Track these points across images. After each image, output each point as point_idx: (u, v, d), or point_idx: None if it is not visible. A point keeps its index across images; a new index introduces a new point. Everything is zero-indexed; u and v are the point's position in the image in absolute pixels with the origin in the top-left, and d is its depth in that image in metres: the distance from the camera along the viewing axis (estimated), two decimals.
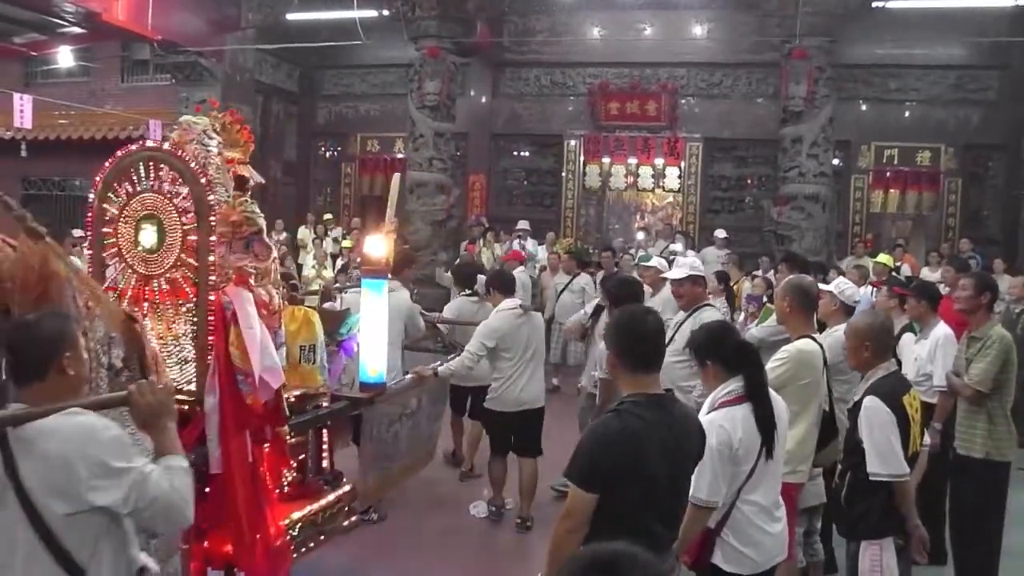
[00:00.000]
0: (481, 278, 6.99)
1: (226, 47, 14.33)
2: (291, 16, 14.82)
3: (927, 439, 3.89)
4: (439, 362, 5.65)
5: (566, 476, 2.74)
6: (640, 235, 16.09)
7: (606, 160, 15.80)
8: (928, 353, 5.28)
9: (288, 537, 3.87)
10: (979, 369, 4.69)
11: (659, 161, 15.55)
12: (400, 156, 16.15)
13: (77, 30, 12.47)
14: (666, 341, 3.38)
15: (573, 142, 15.93)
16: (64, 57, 16.70)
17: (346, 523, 4.45)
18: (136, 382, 2.39)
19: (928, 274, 10.89)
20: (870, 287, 8.94)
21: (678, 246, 13.00)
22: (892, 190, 14.84)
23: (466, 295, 7.01)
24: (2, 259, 3.14)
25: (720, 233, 13.57)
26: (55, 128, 16.01)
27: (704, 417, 3.22)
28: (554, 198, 16.29)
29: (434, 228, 14.21)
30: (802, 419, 4.02)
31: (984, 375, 4.66)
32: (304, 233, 14.42)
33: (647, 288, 6.25)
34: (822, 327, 4.81)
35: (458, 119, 15.00)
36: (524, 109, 16.33)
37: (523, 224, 13.92)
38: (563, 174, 16.13)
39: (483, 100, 16.33)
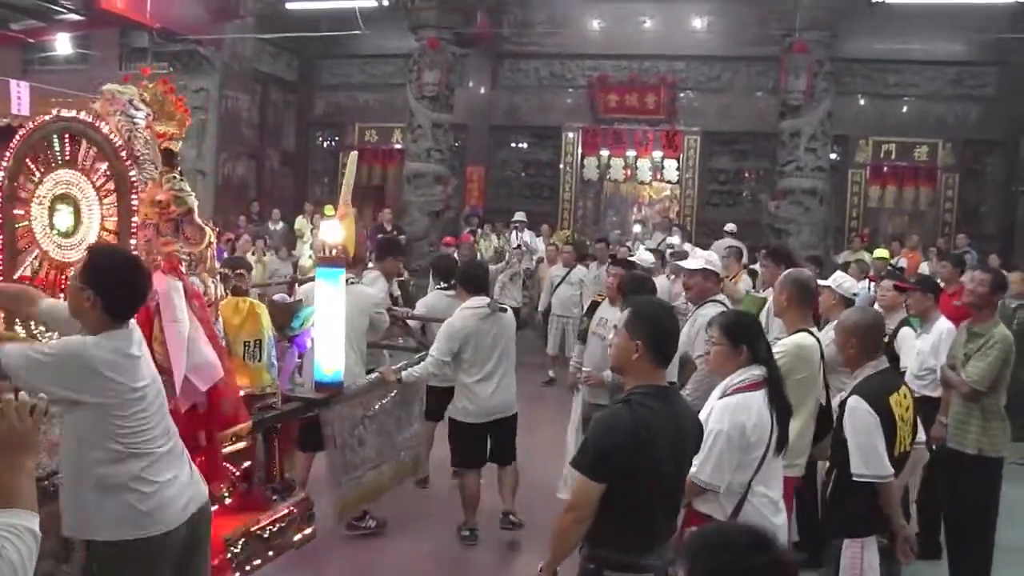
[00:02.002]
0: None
1: (225, 36, 14.28)
2: (290, 5, 14.81)
3: (921, 436, 3.87)
4: (404, 364, 5.30)
5: (574, 466, 2.76)
6: (637, 228, 16.11)
7: (604, 152, 15.79)
8: (931, 347, 5.29)
9: (228, 555, 3.52)
10: (979, 369, 4.68)
11: (657, 154, 15.54)
12: (398, 147, 16.14)
13: (75, 17, 12.42)
14: None
15: (572, 134, 15.92)
16: (62, 44, 16.59)
17: (298, 537, 4.06)
18: (5, 398, 1.87)
19: (925, 269, 10.92)
20: (867, 281, 8.95)
21: (675, 239, 13.00)
22: (889, 185, 14.86)
23: (442, 288, 6.44)
24: None
25: (730, 227, 13.59)
26: None
27: (719, 402, 3.25)
28: (552, 190, 16.29)
29: (431, 219, 14.21)
30: (799, 413, 4.02)
31: (983, 375, 4.66)
32: (301, 223, 14.39)
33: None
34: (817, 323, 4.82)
35: (457, 110, 14.97)
36: (523, 101, 16.31)
37: (519, 215, 13.92)
38: (561, 166, 16.12)
39: (482, 91, 16.31)
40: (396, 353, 6.17)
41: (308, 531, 4.14)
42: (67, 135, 3.32)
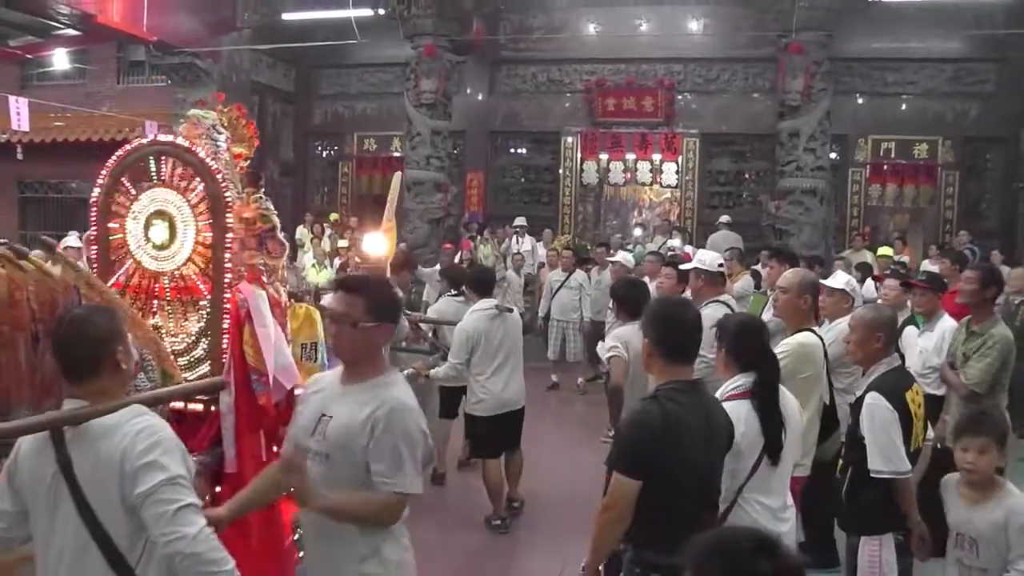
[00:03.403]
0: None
1: (222, 48, 14.30)
2: (287, 16, 14.81)
3: (931, 433, 3.86)
4: (432, 363, 5.88)
5: (608, 465, 2.77)
6: (637, 231, 16.10)
7: (603, 156, 15.78)
8: (935, 346, 5.26)
9: (295, 536, 3.79)
10: (977, 370, 4.64)
11: (656, 157, 15.52)
12: (397, 155, 16.14)
13: (72, 32, 12.41)
14: None
15: (570, 139, 15.91)
16: (60, 59, 16.65)
17: None
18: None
19: (927, 267, 10.88)
20: (872, 280, 8.93)
21: (676, 242, 13.00)
22: (890, 183, 14.83)
23: (452, 295, 6.92)
24: (23, 280, 3.15)
25: (725, 219, 13.57)
26: (51, 131, 15.96)
27: None
28: (552, 195, 16.28)
29: (432, 226, 14.20)
30: (804, 412, 4.01)
31: (982, 376, 4.62)
32: (302, 233, 14.40)
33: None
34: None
35: (455, 117, 14.99)
36: (521, 106, 16.32)
37: (520, 221, 13.92)
38: (560, 171, 16.11)
39: (480, 98, 16.32)
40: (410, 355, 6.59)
41: None
42: (162, 157, 3.63)
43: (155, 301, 3.66)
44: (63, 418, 2.24)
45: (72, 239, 8.76)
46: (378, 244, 5.02)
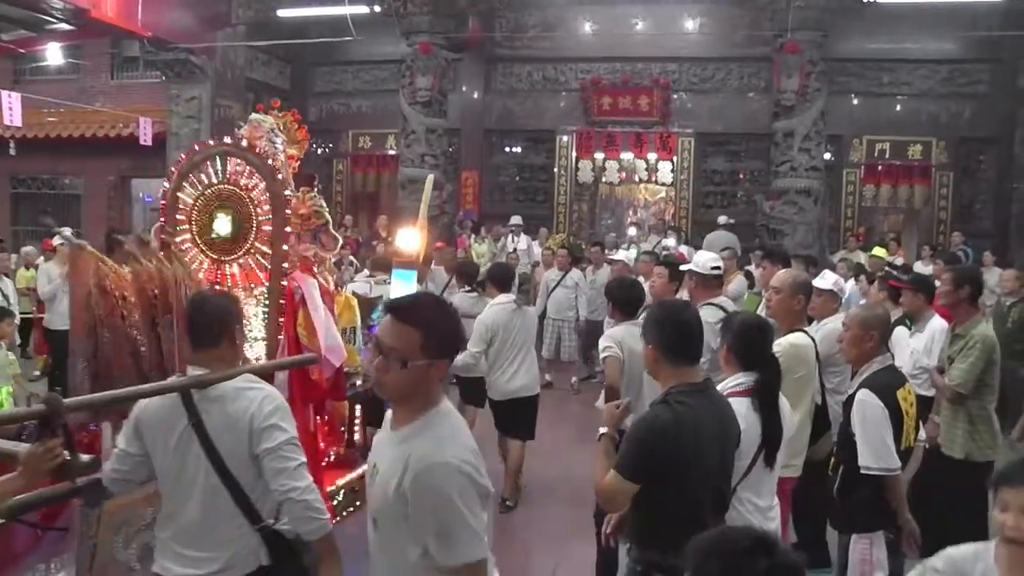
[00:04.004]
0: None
1: (216, 44, 14.25)
2: (282, 12, 14.77)
3: (922, 434, 3.87)
4: None
5: (616, 468, 2.72)
6: (632, 230, 16.10)
7: (599, 155, 15.77)
8: (924, 347, 5.27)
9: (333, 503, 4.21)
10: (960, 370, 4.63)
11: (652, 156, 15.50)
12: (392, 153, 16.12)
13: (66, 27, 12.35)
14: None
15: (565, 137, 15.90)
16: (53, 54, 16.61)
17: None
18: None
19: (921, 268, 10.91)
20: (861, 281, 8.93)
21: (671, 241, 13.02)
22: (884, 184, 14.86)
23: (466, 291, 7.38)
24: (140, 271, 3.79)
25: (723, 219, 13.62)
26: (44, 126, 15.93)
27: None
28: (547, 194, 16.27)
29: (426, 224, 14.14)
30: (796, 412, 4.01)
31: (965, 377, 4.61)
32: None
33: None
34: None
35: (450, 115, 14.97)
36: (516, 105, 16.30)
37: (516, 219, 13.90)
38: (555, 170, 16.10)
39: (475, 96, 16.29)
40: None
41: None
42: (227, 157, 4.08)
43: (216, 287, 4.04)
44: (192, 383, 2.69)
45: (64, 236, 8.65)
46: (412, 241, 5.46)
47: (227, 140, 4.19)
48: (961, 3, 13.44)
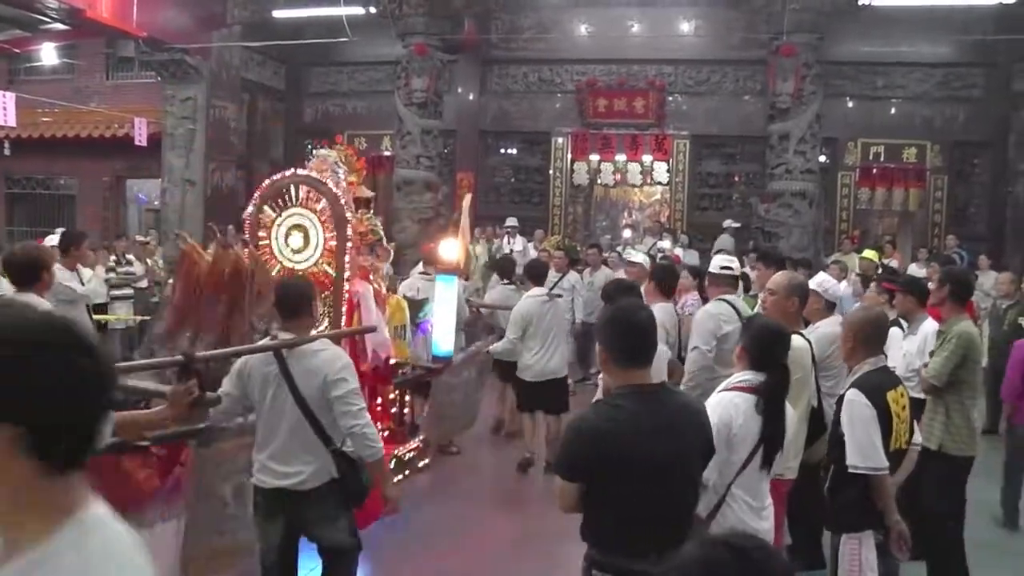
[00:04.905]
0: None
1: (212, 44, 14.23)
2: (277, 13, 14.76)
3: (917, 437, 3.87)
4: (491, 340, 7.20)
5: (553, 466, 2.77)
6: (627, 232, 16.10)
7: (594, 157, 15.79)
8: (917, 348, 5.29)
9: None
10: (935, 364, 4.73)
11: (647, 158, 15.55)
12: (388, 154, 16.10)
13: (61, 27, 12.33)
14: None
15: (561, 139, 15.92)
16: (48, 54, 16.58)
17: (421, 463, 5.99)
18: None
19: (916, 270, 10.93)
20: (855, 282, 8.94)
21: (666, 243, 13.02)
22: (879, 187, 14.90)
23: (505, 284, 8.39)
24: (220, 257, 4.79)
25: (729, 223, 13.67)
26: (39, 126, 15.89)
27: (714, 395, 3.31)
28: (542, 195, 16.29)
29: (422, 226, 14.16)
30: (791, 415, 4.02)
31: (938, 370, 4.70)
32: None
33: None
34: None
35: (446, 116, 14.99)
36: (512, 106, 16.32)
37: (511, 221, 13.91)
38: (551, 171, 16.12)
39: (471, 97, 16.29)
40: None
41: (427, 460, 6.10)
42: (300, 185, 5.03)
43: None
44: (284, 344, 3.61)
45: (56, 238, 8.56)
46: (453, 249, 6.29)
47: (299, 172, 5.13)
48: (956, 7, 13.48)
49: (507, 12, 15.80)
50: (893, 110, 14.86)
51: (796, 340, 4.23)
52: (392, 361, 5.64)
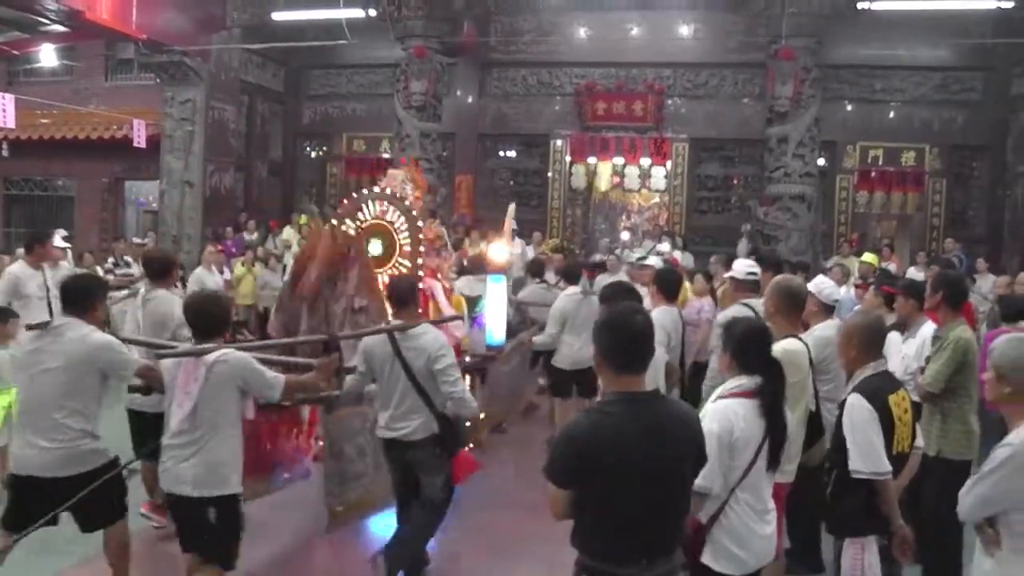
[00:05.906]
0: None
1: (211, 46, 14.24)
2: (277, 16, 14.75)
3: (919, 440, 3.86)
4: (532, 332, 7.68)
5: (543, 472, 2.72)
6: (625, 235, 16.09)
7: (592, 160, 15.79)
8: (916, 352, 5.28)
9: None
10: (932, 370, 4.70)
11: (645, 161, 15.54)
12: (387, 156, 16.10)
13: (60, 29, 12.34)
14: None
15: (559, 142, 15.92)
16: (47, 56, 16.57)
17: (483, 435, 6.85)
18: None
19: (915, 274, 10.92)
20: (854, 287, 8.93)
21: (665, 246, 13.00)
22: (877, 190, 14.90)
23: (538, 283, 8.99)
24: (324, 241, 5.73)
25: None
26: (38, 128, 15.89)
27: (710, 404, 3.26)
28: (540, 198, 16.28)
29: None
30: (789, 418, 4.01)
31: (935, 377, 4.66)
32: (289, 233, 14.34)
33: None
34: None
35: (444, 119, 14.99)
36: (511, 109, 16.32)
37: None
38: (549, 174, 16.12)
39: (470, 100, 16.30)
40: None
41: (484, 436, 7.03)
42: (378, 200, 6.30)
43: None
44: (397, 327, 4.63)
45: (58, 239, 8.58)
46: (502, 253, 7.50)
47: (376, 190, 6.42)
48: (954, 11, 13.50)
49: (506, 15, 15.81)
50: (892, 114, 14.86)
51: (794, 343, 4.23)
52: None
